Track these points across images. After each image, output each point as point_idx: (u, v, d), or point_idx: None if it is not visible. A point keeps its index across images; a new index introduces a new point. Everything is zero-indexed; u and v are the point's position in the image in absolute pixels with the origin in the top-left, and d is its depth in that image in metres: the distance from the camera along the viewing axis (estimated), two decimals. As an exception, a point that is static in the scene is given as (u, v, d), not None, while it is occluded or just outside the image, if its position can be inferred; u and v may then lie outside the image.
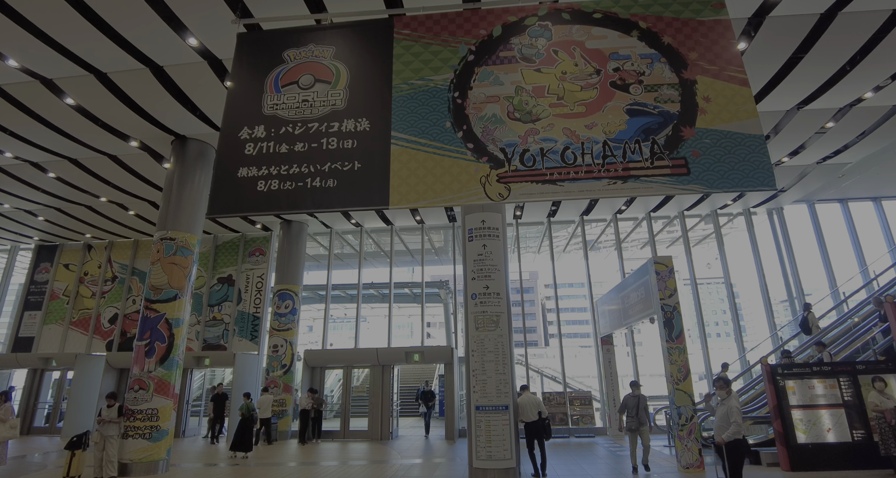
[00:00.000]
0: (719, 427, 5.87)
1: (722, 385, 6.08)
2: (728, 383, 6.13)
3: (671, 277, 9.19)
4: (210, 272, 16.47)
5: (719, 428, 5.86)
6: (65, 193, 13.28)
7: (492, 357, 7.48)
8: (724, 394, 5.99)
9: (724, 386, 6.06)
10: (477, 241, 8.04)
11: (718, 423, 5.89)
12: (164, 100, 8.83)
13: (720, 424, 5.86)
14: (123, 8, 6.62)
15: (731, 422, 5.69)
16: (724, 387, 6.05)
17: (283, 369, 14.03)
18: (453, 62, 4.80)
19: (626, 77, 4.56)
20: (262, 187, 4.84)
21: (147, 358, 8.75)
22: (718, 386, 6.11)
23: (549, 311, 74.45)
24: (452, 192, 4.35)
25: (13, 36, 7.18)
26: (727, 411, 5.79)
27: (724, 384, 6.07)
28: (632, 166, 4.22)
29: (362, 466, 9.37)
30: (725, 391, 6.01)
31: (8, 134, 10.06)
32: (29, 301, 17.21)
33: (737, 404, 5.83)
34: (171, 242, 9.56)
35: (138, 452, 8.31)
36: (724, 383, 6.08)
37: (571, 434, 13.34)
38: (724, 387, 6.05)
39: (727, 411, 5.79)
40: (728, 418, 5.75)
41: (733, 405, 5.78)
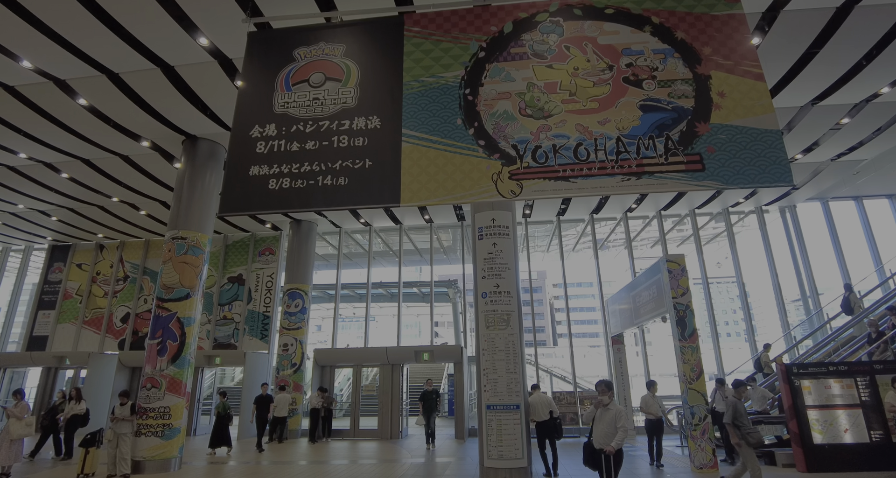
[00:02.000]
0: (605, 434, 5.29)
1: (604, 390, 5.52)
2: (610, 388, 5.58)
3: (683, 275, 9.10)
4: (220, 272, 16.57)
5: (605, 435, 5.29)
6: (77, 194, 13.42)
7: (502, 356, 7.44)
8: (607, 398, 5.46)
9: (605, 390, 5.52)
10: (487, 239, 8.00)
11: (604, 429, 5.30)
12: (175, 100, 8.89)
13: (606, 430, 5.29)
14: (135, 8, 6.66)
15: (618, 427, 5.19)
16: (606, 391, 5.51)
17: (293, 368, 14.08)
18: (464, 59, 4.77)
19: (639, 73, 4.51)
20: (274, 186, 4.84)
21: (159, 357, 8.81)
22: (600, 391, 5.53)
23: (557, 310, 74.18)
24: (464, 189, 4.33)
25: (27, 37, 7.25)
26: (615, 415, 5.26)
27: (606, 388, 5.53)
28: (646, 163, 4.17)
29: (372, 465, 9.37)
30: (608, 395, 5.48)
31: (22, 135, 10.18)
32: (43, 300, 17.42)
33: (623, 408, 5.57)
34: (182, 242, 9.62)
35: (151, 450, 8.37)
36: (606, 387, 5.54)
37: (582, 434, 13.25)
38: (606, 391, 5.51)
39: (614, 416, 5.26)
40: (614, 423, 5.24)
41: (621, 410, 5.33)
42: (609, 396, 5.47)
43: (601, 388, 5.53)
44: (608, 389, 5.50)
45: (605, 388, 5.52)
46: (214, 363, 14.55)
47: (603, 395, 5.48)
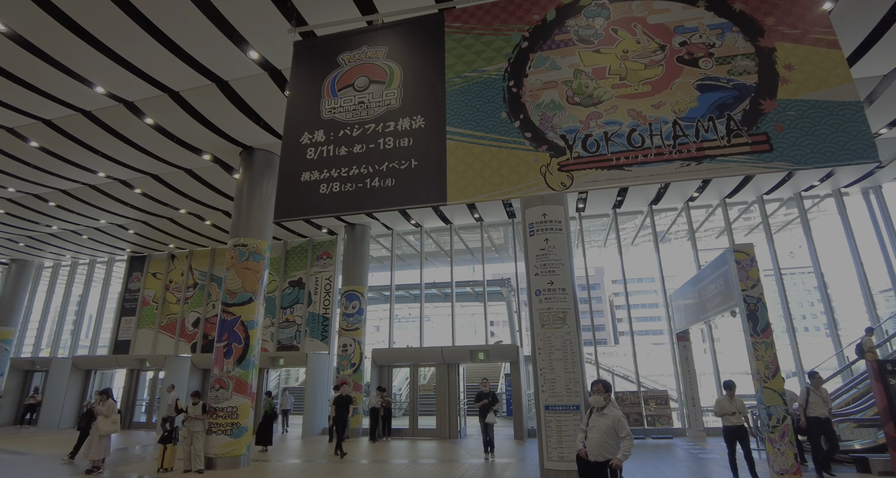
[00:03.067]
0: (601, 444, 4.40)
1: (600, 389, 4.56)
2: (608, 388, 4.60)
3: (753, 265, 8.49)
4: (282, 276, 17.25)
5: (600, 445, 4.40)
6: (149, 207, 14.39)
7: (560, 355, 7.23)
8: (603, 400, 4.54)
9: (603, 390, 4.56)
10: (538, 235, 7.81)
11: (600, 439, 4.40)
12: (231, 113, 9.31)
13: (601, 440, 4.40)
14: (190, 28, 7.02)
15: (620, 437, 4.36)
16: (604, 392, 4.56)
17: (352, 368, 14.41)
18: (507, 51, 4.65)
19: (694, 51, 4.22)
20: (325, 190, 4.93)
21: (226, 359, 9.25)
22: (596, 390, 4.59)
23: (617, 307, 71.89)
24: (511, 184, 4.22)
25: (99, 65, 7.83)
26: (613, 422, 4.39)
27: (604, 389, 4.57)
28: (706, 146, 3.90)
29: (432, 464, 9.40)
30: (604, 397, 4.55)
31: (99, 155, 11.02)
32: (125, 307, 18.84)
33: (622, 414, 4.50)
34: (243, 249, 10.06)
35: (222, 447, 8.80)
36: (604, 388, 4.58)
37: (647, 435, 12.72)
38: (604, 392, 4.56)
39: (613, 423, 4.39)
40: (612, 431, 4.39)
41: (619, 416, 4.43)
42: (606, 398, 4.56)
43: (597, 387, 4.59)
44: (605, 390, 4.57)
45: (601, 388, 4.57)
46: (278, 364, 15.14)
47: (598, 396, 4.56)
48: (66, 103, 9.07)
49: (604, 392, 4.54)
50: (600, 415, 4.50)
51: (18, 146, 10.67)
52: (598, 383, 4.59)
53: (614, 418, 4.41)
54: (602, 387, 4.56)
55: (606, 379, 4.72)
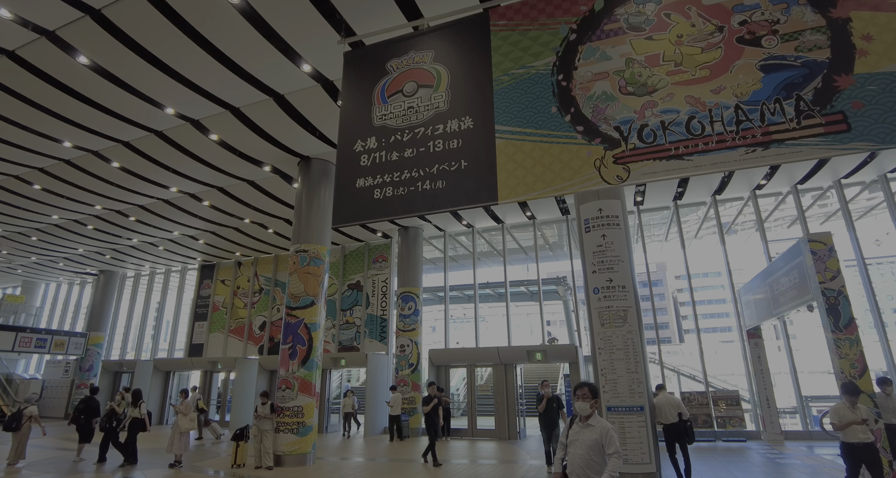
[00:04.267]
0: (585, 462, 3.59)
1: (586, 394, 3.76)
2: (595, 394, 3.80)
3: (832, 256, 7.88)
4: (341, 279, 17.81)
5: (585, 464, 3.59)
6: (217, 218, 15.28)
7: (621, 355, 7.01)
8: (589, 408, 3.73)
9: (589, 396, 3.76)
10: (595, 231, 7.62)
11: (584, 455, 3.60)
12: (288, 125, 9.72)
13: (586, 456, 3.60)
14: (247, 47, 7.41)
15: (608, 454, 3.54)
16: (590, 397, 3.76)
17: (410, 368, 14.63)
18: (554, 44, 4.58)
19: (755, 30, 3.98)
20: (378, 195, 5.06)
21: (291, 360, 9.65)
22: (581, 395, 3.77)
23: (682, 304, 68.73)
24: (564, 179, 4.15)
25: (168, 87, 8.43)
26: (601, 435, 3.59)
27: (591, 394, 3.77)
28: (773, 130, 3.67)
29: (492, 465, 9.37)
30: (591, 404, 3.74)
31: (171, 171, 11.83)
32: (197, 313, 20.09)
33: (611, 426, 3.70)
34: (304, 254, 10.47)
35: (289, 445, 9.19)
36: (591, 393, 3.77)
37: (718, 438, 12.08)
38: (590, 397, 3.76)
39: (601, 437, 3.59)
40: (599, 447, 3.57)
41: (608, 428, 3.63)
42: (593, 405, 3.74)
43: (582, 392, 3.76)
44: (592, 395, 3.76)
45: (587, 392, 3.76)
46: (340, 365, 15.62)
47: (583, 402, 3.74)
48: (141, 125, 9.82)
49: (590, 398, 3.75)
50: (585, 426, 3.70)
51: (103, 167, 11.65)
52: (584, 387, 3.79)
53: (602, 429, 3.61)
54: (588, 391, 3.77)
55: (590, 382, 3.91)
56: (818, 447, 10.55)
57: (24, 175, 12.26)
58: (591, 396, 3.77)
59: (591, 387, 3.81)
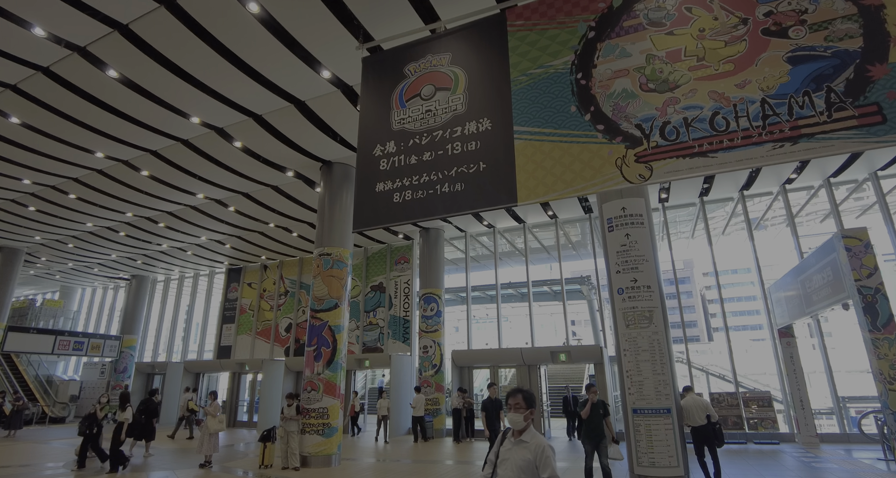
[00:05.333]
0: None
1: (519, 404, 2.97)
2: (531, 403, 2.99)
3: (868, 252, 7.59)
4: (364, 281, 17.97)
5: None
6: (242, 223, 15.59)
7: (647, 356, 6.89)
8: (523, 421, 2.95)
9: (523, 406, 2.97)
10: (618, 230, 7.50)
11: (512, 477, 2.87)
12: (309, 131, 9.85)
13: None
14: (268, 55, 7.54)
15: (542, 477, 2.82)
16: (524, 408, 2.97)
17: (433, 369, 14.66)
18: (572, 43, 4.53)
19: (782, 20, 3.86)
20: (398, 199, 5.09)
21: (315, 362, 9.78)
22: (513, 405, 2.98)
23: (710, 302, 67.15)
24: (584, 179, 4.10)
25: (193, 97, 8.64)
26: (535, 455, 2.83)
27: (525, 404, 2.97)
28: (802, 124, 3.55)
29: (518, 466, 9.31)
30: (525, 416, 2.96)
31: (198, 179, 12.12)
32: (225, 316, 20.53)
33: (547, 442, 2.89)
34: (328, 257, 10.59)
35: (315, 446, 9.30)
36: (525, 402, 2.98)
37: (749, 440, 11.75)
38: (524, 408, 2.97)
39: (535, 457, 2.83)
40: (533, 468, 2.83)
41: (543, 445, 2.85)
42: (527, 417, 2.96)
43: (515, 401, 2.99)
44: (527, 405, 2.98)
45: (521, 402, 2.98)
46: (364, 366, 15.76)
47: (516, 413, 2.96)
48: (168, 134, 10.09)
49: (524, 408, 2.96)
50: (517, 443, 2.93)
51: (133, 176, 12.02)
52: (518, 395, 3.00)
53: (537, 448, 2.85)
54: (522, 400, 2.97)
55: (526, 389, 3.09)
56: (857, 451, 10.17)
57: (61, 185, 12.73)
58: (524, 406, 2.97)
59: (525, 395, 3.02)
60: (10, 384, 20.84)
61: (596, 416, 7.00)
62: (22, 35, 7.15)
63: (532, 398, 3.05)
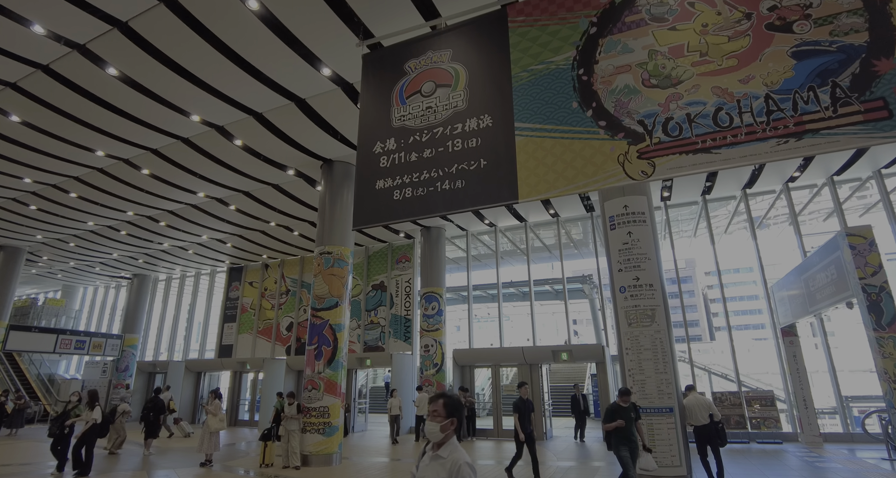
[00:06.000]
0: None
1: (438, 411, 2.49)
2: (455, 411, 2.50)
3: (873, 250, 7.54)
4: (365, 280, 17.94)
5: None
6: (243, 222, 15.57)
7: (649, 355, 6.85)
8: (440, 431, 2.45)
9: (443, 413, 2.48)
10: (620, 229, 7.46)
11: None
12: (310, 129, 9.82)
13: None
14: (269, 53, 7.50)
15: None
16: (444, 415, 2.47)
17: (435, 368, 14.63)
18: (574, 39, 4.49)
19: (786, 15, 3.82)
20: (398, 196, 5.05)
21: (316, 360, 9.75)
22: (433, 413, 2.50)
23: (712, 301, 67.02)
24: (586, 176, 4.06)
25: (193, 95, 8.61)
26: (450, 473, 2.35)
27: (445, 411, 2.48)
28: (807, 119, 3.51)
29: (519, 466, 9.27)
30: (443, 426, 2.46)
31: (198, 177, 12.10)
32: (227, 315, 20.52)
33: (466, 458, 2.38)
34: (328, 256, 10.56)
35: (315, 445, 9.28)
36: (446, 409, 2.49)
37: (752, 440, 11.70)
38: (444, 415, 2.47)
39: (450, 474, 2.35)
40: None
41: (460, 462, 2.35)
42: (446, 427, 2.46)
43: (435, 407, 2.51)
44: (448, 412, 2.48)
45: (441, 410, 2.49)
46: (365, 365, 15.73)
47: (433, 422, 2.47)
48: (168, 133, 10.06)
49: (443, 416, 2.47)
50: (434, 458, 2.45)
51: (134, 175, 12.00)
52: (438, 401, 2.53)
53: (453, 465, 2.36)
54: (442, 407, 2.49)
55: (456, 395, 2.76)
56: (860, 450, 10.11)
57: (62, 184, 12.72)
58: (444, 414, 2.47)
59: (447, 401, 2.52)
60: (13, 383, 20.88)
61: (629, 420, 6.22)
62: (22, 33, 7.12)
63: (455, 406, 2.53)
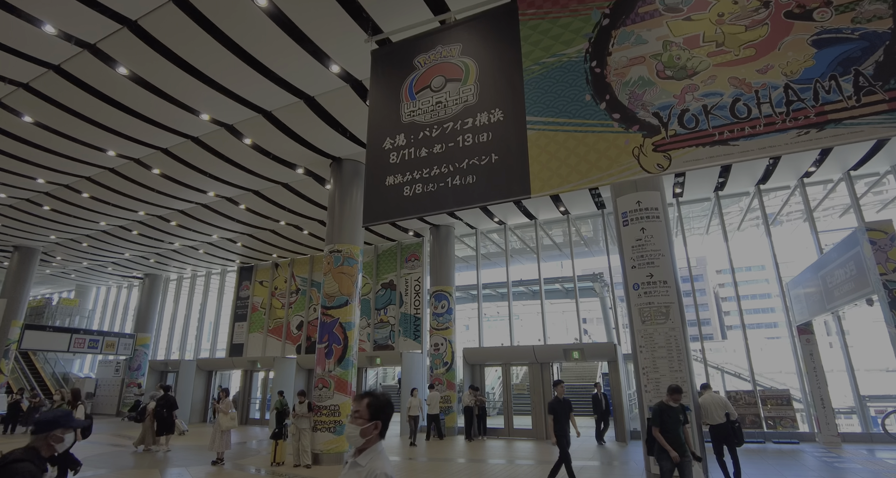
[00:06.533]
0: None
1: (361, 413, 2.16)
2: (379, 413, 2.16)
3: (894, 245, 7.36)
4: (374, 279, 17.95)
5: None
6: (253, 221, 15.63)
7: (664, 353, 6.74)
8: (360, 437, 2.13)
9: (366, 415, 2.15)
10: (633, 225, 7.35)
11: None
12: (319, 127, 9.81)
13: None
14: (278, 50, 7.49)
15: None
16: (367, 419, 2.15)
17: (445, 367, 14.59)
18: (586, 31, 4.41)
19: (806, 2, 3.71)
20: (408, 192, 5.00)
21: (327, 359, 9.75)
22: (353, 415, 2.19)
23: (723, 299, 66.35)
24: (600, 170, 3.98)
25: (202, 94, 8.63)
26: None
27: (369, 412, 2.16)
28: (829, 109, 3.40)
29: (530, 466, 9.21)
30: (363, 431, 2.13)
31: (208, 176, 12.15)
32: (237, 314, 20.64)
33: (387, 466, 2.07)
34: (338, 254, 10.56)
35: (326, 444, 9.28)
36: (370, 410, 2.16)
37: (767, 439, 11.52)
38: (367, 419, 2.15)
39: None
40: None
41: (380, 473, 2.03)
42: (367, 431, 2.14)
43: (356, 409, 2.18)
44: (371, 415, 2.16)
45: (363, 410, 2.16)
46: (375, 363, 15.73)
47: (352, 425, 2.16)
48: (178, 132, 10.10)
49: (365, 419, 2.15)
50: (352, 466, 2.13)
51: (144, 175, 12.08)
52: (363, 400, 2.19)
53: (369, 475, 2.05)
54: (365, 408, 2.16)
55: (377, 393, 2.24)
56: (880, 451, 9.92)
57: (74, 184, 12.85)
58: (367, 415, 2.15)
59: (373, 401, 2.19)
60: (28, 381, 21.17)
61: (676, 424, 5.55)
62: (33, 33, 7.17)
63: (381, 407, 2.18)
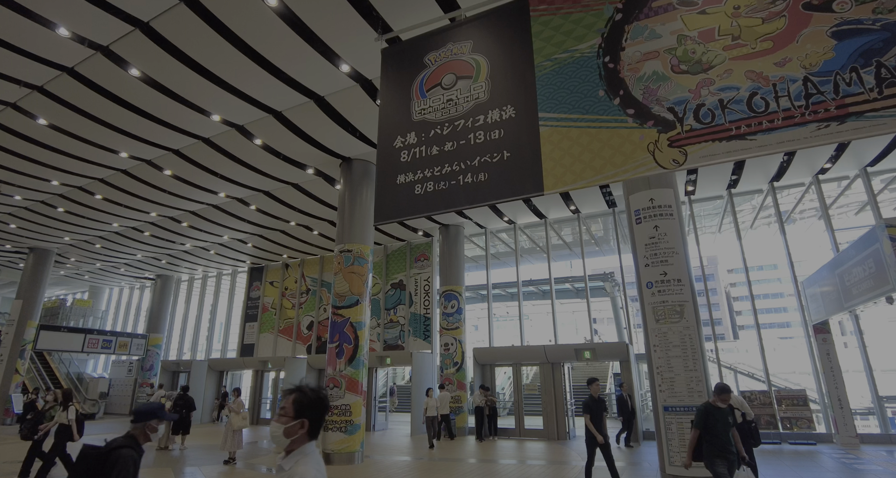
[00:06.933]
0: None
1: (286, 414, 1.97)
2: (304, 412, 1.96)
3: (913, 243, 7.22)
4: (384, 279, 17.97)
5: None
6: (264, 222, 15.71)
7: (678, 352, 6.66)
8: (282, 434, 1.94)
9: (291, 416, 1.96)
10: (646, 222, 7.27)
11: None
12: (329, 127, 9.83)
13: None
14: (288, 50, 7.51)
15: None
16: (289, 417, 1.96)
17: (455, 367, 14.56)
18: (599, 26, 4.36)
19: (825, -7, 3.64)
20: (420, 191, 4.98)
21: (338, 359, 9.76)
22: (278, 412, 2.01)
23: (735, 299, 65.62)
24: (615, 166, 3.93)
25: (213, 95, 8.68)
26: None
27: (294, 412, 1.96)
28: (850, 102, 3.33)
29: (541, 466, 9.15)
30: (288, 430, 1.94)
31: (220, 177, 12.23)
32: (248, 314, 20.76)
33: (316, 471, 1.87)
34: (348, 254, 10.57)
35: (337, 443, 9.28)
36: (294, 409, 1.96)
37: (784, 440, 11.35)
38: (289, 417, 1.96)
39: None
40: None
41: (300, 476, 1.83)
42: (292, 430, 1.95)
43: (283, 407, 2.01)
44: (296, 413, 1.97)
45: (289, 409, 1.98)
46: (385, 363, 15.73)
47: (276, 424, 1.96)
48: (190, 133, 10.18)
49: (290, 417, 1.96)
50: (278, 469, 1.95)
51: (156, 176, 12.19)
52: (290, 395, 2.02)
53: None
54: (291, 405, 1.99)
55: (307, 388, 2.03)
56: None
57: (87, 186, 12.99)
58: (292, 413, 1.97)
59: (299, 397, 2.00)
60: (43, 381, 21.45)
61: (726, 427, 5.21)
62: (47, 36, 7.26)
63: (309, 404, 1.98)
